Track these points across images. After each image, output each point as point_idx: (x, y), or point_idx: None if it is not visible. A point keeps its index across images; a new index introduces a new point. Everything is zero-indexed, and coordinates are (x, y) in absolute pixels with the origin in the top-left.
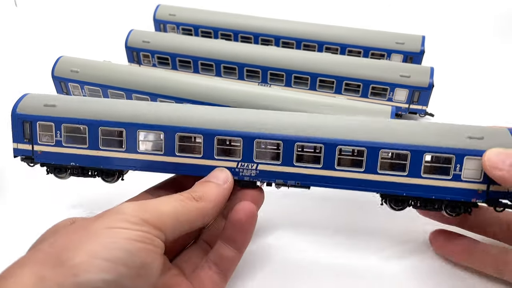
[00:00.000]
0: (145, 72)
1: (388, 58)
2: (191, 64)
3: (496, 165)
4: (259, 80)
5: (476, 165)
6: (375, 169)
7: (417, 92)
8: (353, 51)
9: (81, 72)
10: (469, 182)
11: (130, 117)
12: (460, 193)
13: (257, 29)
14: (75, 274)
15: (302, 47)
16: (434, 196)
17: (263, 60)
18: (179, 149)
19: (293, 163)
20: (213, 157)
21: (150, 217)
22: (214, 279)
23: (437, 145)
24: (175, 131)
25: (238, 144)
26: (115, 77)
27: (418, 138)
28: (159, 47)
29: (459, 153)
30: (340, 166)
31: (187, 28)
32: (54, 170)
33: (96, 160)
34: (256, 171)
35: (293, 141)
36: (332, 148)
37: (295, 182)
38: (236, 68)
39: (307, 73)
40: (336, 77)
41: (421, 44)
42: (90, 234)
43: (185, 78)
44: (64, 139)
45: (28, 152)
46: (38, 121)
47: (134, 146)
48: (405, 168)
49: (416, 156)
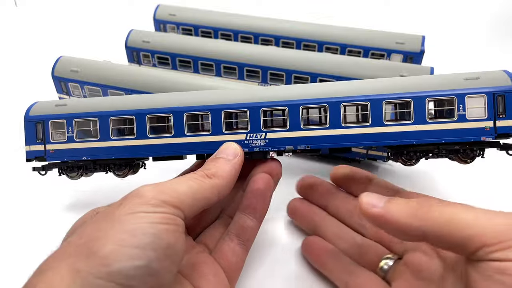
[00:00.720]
0: (145, 72)
1: (388, 58)
2: (191, 64)
3: (372, 204)
4: (259, 80)
5: (478, 102)
6: (381, 121)
7: None
8: (353, 51)
9: (81, 72)
10: (475, 121)
11: (138, 105)
12: (469, 133)
13: (257, 29)
14: (107, 264)
15: (302, 47)
16: (444, 140)
17: (263, 60)
18: (189, 129)
19: (301, 127)
20: (221, 132)
21: (169, 197)
22: (236, 250)
23: (438, 90)
24: (184, 111)
25: (244, 116)
26: (115, 77)
27: (418, 87)
28: (159, 47)
29: (460, 93)
30: (347, 124)
31: (187, 28)
32: (67, 169)
33: (108, 151)
34: (266, 140)
35: (298, 105)
36: (337, 107)
37: (305, 146)
38: (236, 68)
39: (307, 73)
40: (336, 77)
41: (421, 44)
42: (115, 222)
43: (185, 78)
44: (76, 134)
45: (40, 152)
46: (50, 119)
47: (144, 132)
48: (410, 116)
49: (419, 102)
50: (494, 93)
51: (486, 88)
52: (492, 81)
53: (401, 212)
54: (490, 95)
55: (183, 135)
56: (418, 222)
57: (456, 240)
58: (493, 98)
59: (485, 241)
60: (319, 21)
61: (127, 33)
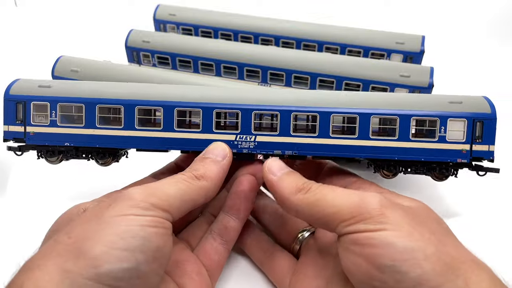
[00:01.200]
0: (145, 72)
1: (388, 58)
2: (191, 64)
3: (272, 171)
4: (259, 80)
5: (459, 126)
6: (367, 135)
7: (417, 92)
8: (353, 51)
9: (81, 72)
10: (454, 143)
11: (128, 95)
12: (447, 154)
13: (257, 29)
14: (96, 265)
15: (302, 47)
16: (423, 158)
17: (263, 60)
18: (178, 124)
19: (290, 133)
20: (211, 131)
21: (158, 200)
22: (219, 250)
23: (423, 109)
24: (174, 106)
25: (236, 117)
26: (115, 77)
27: (405, 105)
28: (159, 47)
29: (443, 115)
30: (335, 134)
31: (187, 28)
32: (46, 153)
33: (93, 139)
34: (255, 143)
35: (290, 111)
36: (327, 117)
37: (292, 152)
38: (236, 68)
39: (307, 73)
40: (336, 77)
41: (421, 44)
42: (104, 223)
43: (185, 78)
44: (59, 119)
45: (19, 134)
46: (33, 101)
47: (132, 123)
48: (395, 133)
49: (405, 120)
50: (474, 119)
51: (467, 113)
52: (473, 107)
53: (288, 187)
54: (470, 120)
55: (172, 129)
56: (295, 200)
57: (322, 218)
58: (472, 123)
59: (341, 217)
60: (319, 21)
61: (127, 33)
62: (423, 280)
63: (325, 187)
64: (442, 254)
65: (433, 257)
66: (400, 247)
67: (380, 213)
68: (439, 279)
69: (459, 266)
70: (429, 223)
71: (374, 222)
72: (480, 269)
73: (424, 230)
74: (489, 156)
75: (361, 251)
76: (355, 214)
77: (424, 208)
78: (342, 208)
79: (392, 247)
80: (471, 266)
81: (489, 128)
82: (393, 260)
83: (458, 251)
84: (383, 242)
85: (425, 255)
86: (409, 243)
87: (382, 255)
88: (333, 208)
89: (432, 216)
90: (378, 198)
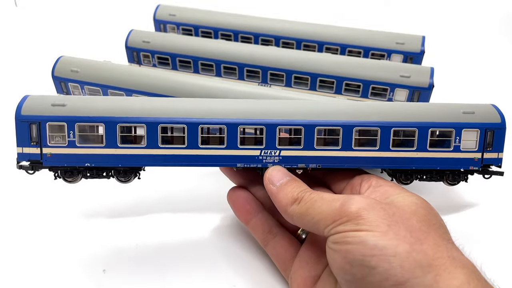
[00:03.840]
0: (145, 72)
1: (388, 58)
2: (191, 64)
3: (272, 181)
4: (259, 80)
5: (472, 136)
6: (388, 147)
7: (417, 93)
8: (353, 51)
9: (81, 72)
10: (467, 152)
11: (150, 112)
12: (460, 162)
13: (257, 29)
14: None
15: (302, 47)
16: (439, 167)
17: (263, 60)
18: (202, 141)
19: (314, 146)
20: (237, 146)
21: None
22: None
23: (439, 121)
24: (198, 123)
25: (261, 132)
26: (115, 77)
27: (422, 116)
28: (159, 47)
29: (458, 126)
30: (357, 147)
31: (187, 28)
32: (65, 173)
33: (114, 158)
34: (279, 157)
35: (313, 125)
36: (350, 130)
37: (317, 165)
38: (236, 68)
39: (307, 73)
40: (336, 77)
41: (421, 44)
42: None
43: (185, 78)
44: (78, 139)
45: (35, 156)
46: (48, 121)
47: (155, 141)
48: (413, 144)
49: (423, 131)
50: (486, 129)
51: (480, 123)
52: (485, 117)
53: (285, 197)
54: (483, 130)
55: (196, 147)
56: (291, 211)
57: (312, 226)
58: (484, 132)
59: (326, 223)
60: (319, 21)
61: (127, 33)
62: (390, 275)
63: (315, 195)
64: (415, 252)
65: (404, 254)
66: (370, 244)
67: (357, 215)
68: (406, 275)
69: (430, 263)
70: (411, 222)
71: (351, 224)
72: (455, 267)
73: (401, 229)
74: (498, 163)
75: (338, 248)
76: (337, 218)
77: (417, 204)
78: (328, 214)
79: (363, 244)
80: (444, 264)
81: (499, 137)
82: (362, 255)
83: (437, 249)
84: (356, 240)
85: (395, 252)
86: (380, 241)
87: (353, 251)
88: (319, 215)
89: (421, 213)
90: (357, 201)
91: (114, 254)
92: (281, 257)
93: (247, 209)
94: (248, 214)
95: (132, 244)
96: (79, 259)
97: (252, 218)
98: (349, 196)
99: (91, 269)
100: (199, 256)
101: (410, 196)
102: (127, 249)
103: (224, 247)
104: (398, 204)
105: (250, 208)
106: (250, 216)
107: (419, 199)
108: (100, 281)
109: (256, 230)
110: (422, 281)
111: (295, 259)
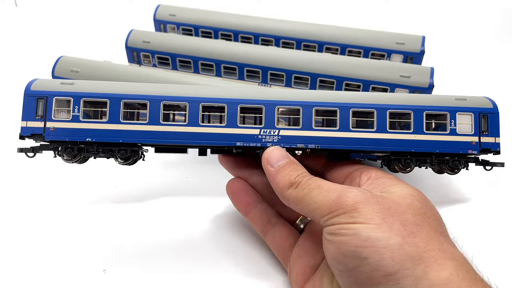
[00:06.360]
0: (145, 72)
1: (388, 58)
2: (191, 64)
3: (270, 162)
4: (259, 80)
5: (466, 119)
6: (385, 128)
7: (417, 92)
8: (353, 51)
9: (81, 72)
10: (464, 135)
11: (154, 91)
12: (458, 145)
13: (257, 29)
14: None
15: (302, 47)
16: (438, 150)
17: (263, 60)
18: (203, 119)
19: (312, 127)
20: (236, 125)
21: None
22: None
23: (433, 105)
24: (199, 101)
25: (260, 111)
26: (115, 77)
27: (416, 102)
28: (159, 47)
29: (452, 110)
30: (355, 128)
31: (187, 28)
32: (65, 150)
33: (116, 134)
34: (278, 137)
35: (311, 106)
36: (347, 111)
37: (315, 145)
38: (236, 68)
39: (307, 73)
40: (336, 77)
41: (421, 44)
42: None
43: (186, 78)
44: (82, 114)
45: (38, 129)
46: (55, 96)
47: (157, 118)
48: (410, 126)
49: (418, 114)
50: (480, 113)
51: (472, 107)
52: (477, 103)
53: (282, 180)
54: (476, 114)
55: (197, 124)
56: (287, 194)
57: (308, 213)
58: (478, 117)
59: (322, 213)
60: (319, 21)
61: (127, 33)
62: (380, 266)
63: (313, 182)
64: (407, 245)
65: (395, 246)
66: (363, 236)
67: (353, 208)
68: (396, 266)
69: (421, 256)
70: (406, 215)
71: (347, 216)
72: (445, 259)
73: (395, 222)
74: (496, 147)
75: (333, 239)
76: (333, 209)
77: (413, 196)
78: (324, 204)
79: (356, 236)
80: (435, 256)
81: (493, 122)
82: (355, 246)
83: (429, 242)
84: (350, 232)
85: (387, 244)
86: (373, 233)
87: (347, 242)
88: (315, 204)
89: (417, 206)
90: (354, 194)
91: (114, 254)
92: (280, 246)
93: (246, 200)
94: (248, 205)
95: (132, 238)
96: (79, 259)
97: (251, 209)
98: (346, 187)
99: (91, 269)
100: (199, 248)
101: (407, 187)
102: (127, 247)
103: (223, 237)
104: (395, 195)
105: (249, 199)
106: (250, 207)
107: (415, 191)
108: (100, 281)
109: (256, 220)
110: (412, 272)
111: (294, 248)
